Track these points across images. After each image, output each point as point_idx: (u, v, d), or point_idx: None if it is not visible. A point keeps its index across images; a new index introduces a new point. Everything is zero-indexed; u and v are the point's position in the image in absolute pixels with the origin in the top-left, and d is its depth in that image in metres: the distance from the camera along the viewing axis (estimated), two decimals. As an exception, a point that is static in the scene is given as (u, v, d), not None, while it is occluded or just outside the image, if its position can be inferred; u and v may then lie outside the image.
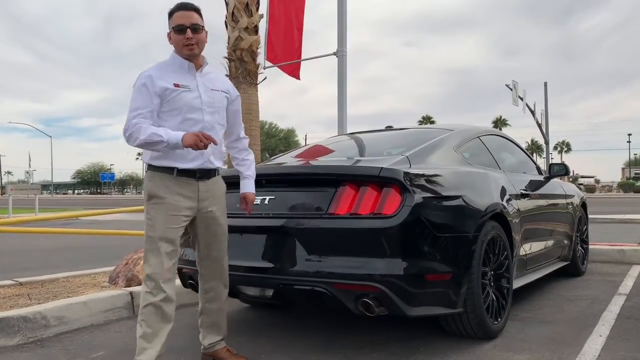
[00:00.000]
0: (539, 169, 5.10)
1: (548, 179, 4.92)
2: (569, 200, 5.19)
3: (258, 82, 6.86)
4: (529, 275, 4.07)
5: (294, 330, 3.51)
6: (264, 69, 7.07)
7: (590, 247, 6.05)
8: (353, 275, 2.72)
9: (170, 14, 2.63)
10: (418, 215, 2.76)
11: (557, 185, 5.07)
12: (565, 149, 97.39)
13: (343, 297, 2.76)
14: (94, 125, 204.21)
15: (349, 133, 5.13)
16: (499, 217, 3.38)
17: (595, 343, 3.08)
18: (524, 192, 4.02)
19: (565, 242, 5.00)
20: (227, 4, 6.81)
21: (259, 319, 3.89)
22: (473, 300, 2.98)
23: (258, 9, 6.93)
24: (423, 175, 2.96)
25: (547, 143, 28.73)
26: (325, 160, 3.83)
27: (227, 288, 2.87)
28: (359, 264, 2.74)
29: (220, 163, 2.76)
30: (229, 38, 6.77)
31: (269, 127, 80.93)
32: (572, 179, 48.18)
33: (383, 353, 2.98)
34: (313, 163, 3.78)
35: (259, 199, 3.14)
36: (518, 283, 3.74)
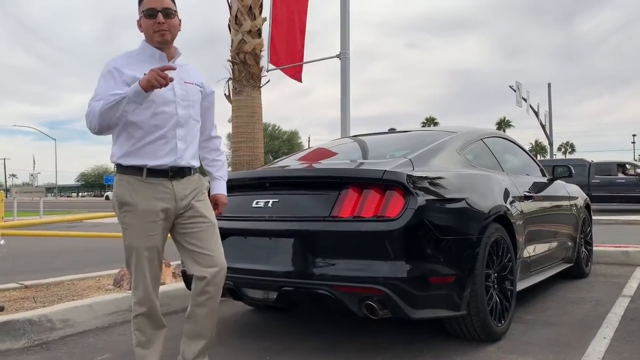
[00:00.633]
0: (543, 171, 5.09)
1: (551, 181, 4.92)
2: (573, 202, 5.18)
3: (261, 85, 6.88)
4: (533, 278, 4.07)
5: (298, 333, 3.51)
6: (267, 72, 7.09)
7: (595, 248, 6.03)
8: (357, 278, 2.73)
9: (140, 0, 2.43)
10: (421, 218, 2.77)
11: (560, 187, 5.06)
12: (570, 150, 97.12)
13: (347, 299, 2.77)
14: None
15: (352, 136, 5.13)
16: (503, 219, 3.38)
17: (600, 345, 3.08)
18: (528, 194, 4.02)
19: (569, 243, 4.99)
20: (230, 8, 6.84)
21: (263, 322, 3.90)
22: (477, 303, 2.99)
23: (261, 12, 6.96)
24: (426, 178, 2.96)
25: (551, 144, 28.68)
26: (329, 163, 3.84)
27: (220, 292, 2.53)
28: (363, 267, 2.74)
29: (197, 162, 2.55)
30: (232, 41, 6.80)
31: (272, 129, 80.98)
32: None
33: (387, 356, 2.98)
34: (316, 166, 3.79)
35: (263, 202, 3.15)
36: (522, 285, 3.74)
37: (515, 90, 23.81)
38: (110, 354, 3.15)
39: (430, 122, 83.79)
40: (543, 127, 27.02)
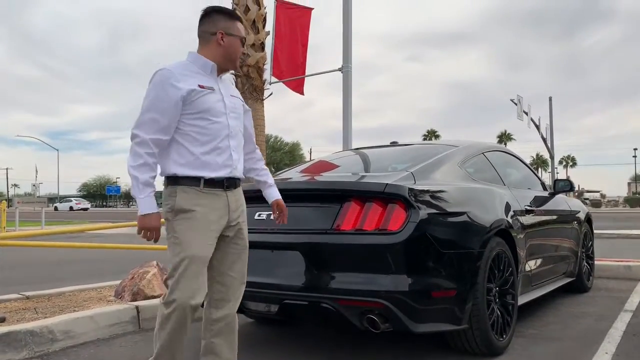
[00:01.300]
0: (544, 185, 5.11)
1: (553, 195, 4.93)
2: (574, 216, 5.18)
3: (264, 97, 6.92)
4: (534, 292, 4.07)
5: (299, 346, 3.51)
6: (270, 85, 7.14)
7: (596, 262, 6.02)
8: (358, 292, 2.74)
9: (232, 17, 2.48)
10: (423, 232, 2.78)
11: (562, 201, 5.07)
12: (571, 164, 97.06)
13: (348, 313, 2.77)
14: (100, 139, 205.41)
15: (354, 148, 5.16)
16: (504, 233, 3.39)
17: (601, 360, 3.07)
18: (529, 208, 4.03)
19: (571, 258, 4.99)
20: (234, 21, 6.89)
21: (264, 334, 3.89)
22: (478, 317, 2.99)
23: (264, 26, 7.02)
24: (428, 192, 2.98)
25: (552, 157, 28.70)
26: (331, 176, 3.86)
27: (236, 320, 2.56)
28: (364, 280, 2.75)
29: (242, 175, 2.56)
30: (236, 54, 6.84)
31: (274, 140, 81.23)
32: (577, 194, 48.00)
33: (388, 369, 2.97)
34: (318, 178, 3.80)
35: (265, 214, 3.16)
36: (523, 299, 3.73)
37: (517, 104, 23.86)
38: (111, 366, 3.15)
39: (432, 134, 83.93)
40: (544, 140, 27.04)
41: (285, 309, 2.99)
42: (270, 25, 7.25)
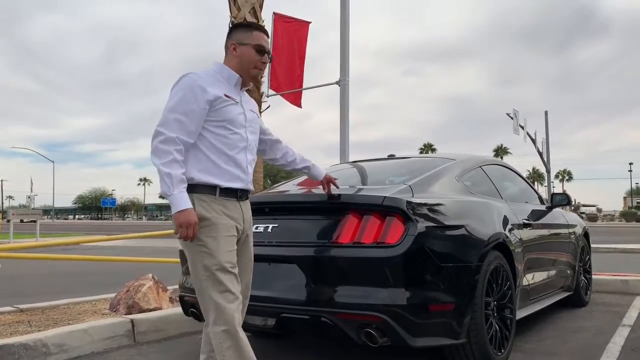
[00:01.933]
0: (541, 198, 5.11)
1: (550, 209, 4.93)
2: (572, 230, 5.18)
3: (262, 110, 6.93)
4: (532, 306, 4.05)
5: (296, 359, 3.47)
6: (267, 97, 7.16)
7: (594, 277, 6.01)
8: (356, 305, 2.71)
9: (248, 27, 2.53)
10: (421, 245, 2.76)
11: (559, 215, 5.07)
12: (567, 178, 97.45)
13: (346, 327, 2.74)
14: (96, 151, 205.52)
15: (352, 161, 5.16)
16: (502, 246, 3.38)
17: (600, 375, 3.05)
18: (526, 221, 4.02)
19: (568, 272, 4.98)
20: (232, 34, 6.92)
21: (262, 348, 3.86)
22: (476, 331, 2.96)
23: (262, 39, 7.05)
24: (426, 205, 2.97)
25: (548, 172, 28.77)
26: (328, 189, 3.84)
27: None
28: (362, 294, 2.73)
29: (252, 187, 2.58)
30: (234, 67, 6.87)
31: (266, 158, 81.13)
32: (573, 208, 48.09)
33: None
34: (316, 191, 3.79)
35: (262, 227, 3.15)
36: (521, 313, 3.72)
37: (513, 118, 23.97)
38: (106, 380, 3.11)
39: (428, 148, 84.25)
40: (540, 154, 27.14)
41: (283, 323, 2.97)
42: (268, 39, 7.28)
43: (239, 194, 2.44)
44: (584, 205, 71.30)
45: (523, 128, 24.81)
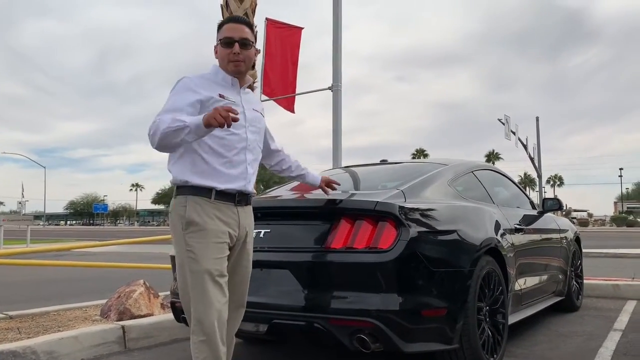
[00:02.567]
0: (533, 203, 5.13)
1: (542, 214, 4.95)
2: (563, 235, 5.20)
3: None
4: (525, 311, 4.06)
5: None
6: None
7: (585, 282, 6.03)
8: (348, 311, 2.71)
9: (220, 26, 2.45)
10: (413, 250, 2.76)
11: (550, 220, 5.09)
12: (558, 183, 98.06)
13: (338, 332, 2.73)
14: (88, 156, 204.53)
15: (344, 166, 5.16)
16: (494, 251, 3.39)
17: (592, 380, 3.05)
18: (518, 226, 4.04)
19: (560, 276, 5.00)
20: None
21: (253, 355, 3.84)
22: (469, 336, 2.96)
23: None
24: (418, 210, 2.97)
25: (539, 177, 28.91)
26: (321, 194, 3.84)
27: (233, 344, 2.52)
28: (355, 299, 2.72)
29: (254, 190, 2.53)
30: (226, 72, 6.87)
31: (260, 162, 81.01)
32: (565, 213, 48.37)
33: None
34: (308, 196, 3.78)
35: (254, 232, 3.13)
36: (513, 318, 3.72)
37: (504, 124, 24.09)
38: (96, 388, 3.08)
39: (420, 153, 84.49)
40: (532, 159, 27.27)
41: (275, 329, 2.95)
42: (261, 44, 7.29)
43: (238, 198, 2.38)
44: (575, 210, 71.73)
45: (514, 133, 24.94)
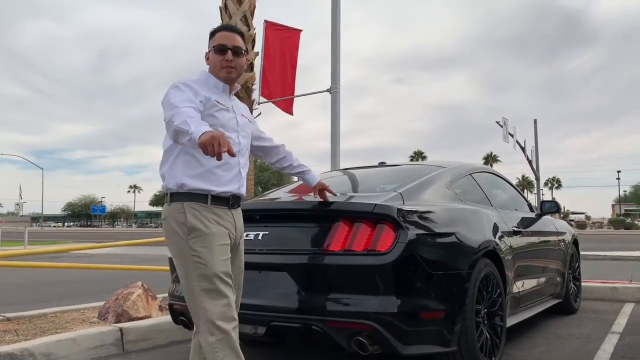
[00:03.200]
0: (531, 206, 5.14)
1: (540, 216, 4.96)
2: (561, 238, 5.21)
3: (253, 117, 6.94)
4: (523, 313, 4.06)
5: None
6: (259, 105, 7.16)
7: (583, 284, 6.05)
8: (346, 313, 2.71)
9: (213, 34, 2.50)
10: (412, 252, 2.76)
11: (548, 222, 5.10)
12: (556, 185, 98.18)
13: (336, 335, 2.73)
14: (86, 158, 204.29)
15: (343, 168, 5.16)
16: (492, 254, 3.39)
17: (590, 383, 3.05)
18: (516, 229, 4.04)
19: (558, 279, 5.01)
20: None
21: (251, 357, 3.83)
22: (467, 339, 2.96)
23: (254, 47, 7.07)
24: (416, 212, 2.97)
25: (537, 179, 28.97)
26: (319, 196, 3.84)
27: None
28: (353, 301, 2.72)
29: (245, 193, 2.54)
30: (225, 74, 6.89)
31: (262, 161, 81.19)
32: (562, 215, 48.45)
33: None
34: (307, 199, 3.78)
35: (252, 235, 3.13)
36: (511, 321, 3.72)
37: (502, 126, 24.15)
38: (93, 390, 3.07)
39: (419, 155, 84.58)
40: (530, 162, 27.33)
41: (273, 331, 2.95)
42: (260, 46, 7.30)
43: (231, 202, 2.41)
44: (573, 213, 71.87)
45: (512, 136, 25.00)
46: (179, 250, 2.32)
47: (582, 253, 6.40)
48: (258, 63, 7.16)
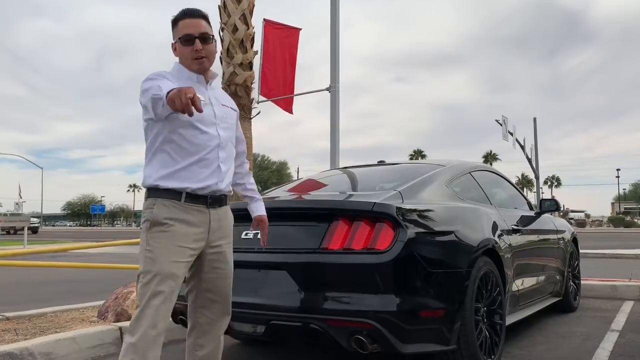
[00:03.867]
0: (530, 204, 5.14)
1: (539, 215, 4.96)
2: (560, 236, 5.21)
3: (252, 116, 6.93)
4: (522, 312, 4.06)
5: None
6: (258, 104, 7.17)
7: (582, 282, 6.05)
8: (346, 312, 2.71)
9: (175, 22, 2.31)
10: (411, 251, 2.76)
11: (548, 221, 5.10)
12: (556, 184, 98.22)
13: (336, 333, 2.73)
14: (85, 157, 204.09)
15: (342, 167, 5.16)
16: (491, 252, 3.39)
17: (590, 381, 3.06)
18: (516, 227, 4.04)
19: (557, 277, 5.01)
20: (222, 41, 6.94)
21: (250, 356, 3.83)
22: (466, 337, 2.96)
23: (253, 46, 7.07)
24: (415, 211, 2.97)
25: (537, 178, 28.99)
26: (319, 195, 3.85)
27: (221, 346, 2.47)
28: (352, 300, 2.72)
29: (230, 190, 2.42)
30: (224, 73, 6.88)
31: (262, 159, 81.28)
32: (562, 214, 48.49)
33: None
34: (306, 197, 3.79)
35: (252, 233, 3.14)
36: (511, 319, 3.73)
37: (502, 125, 24.15)
38: (93, 389, 3.07)
39: (418, 154, 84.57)
40: (529, 160, 27.34)
41: (272, 330, 2.95)
42: (259, 45, 7.30)
43: (209, 201, 2.28)
44: (573, 211, 71.87)
45: (512, 134, 25.01)
46: (140, 244, 2.26)
47: (581, 251, 6.40)
48: (257, 62, 7.16)
